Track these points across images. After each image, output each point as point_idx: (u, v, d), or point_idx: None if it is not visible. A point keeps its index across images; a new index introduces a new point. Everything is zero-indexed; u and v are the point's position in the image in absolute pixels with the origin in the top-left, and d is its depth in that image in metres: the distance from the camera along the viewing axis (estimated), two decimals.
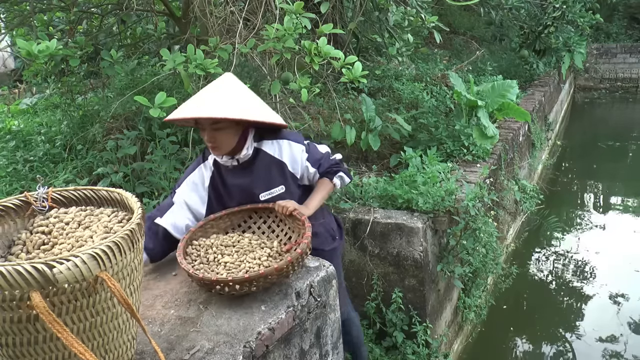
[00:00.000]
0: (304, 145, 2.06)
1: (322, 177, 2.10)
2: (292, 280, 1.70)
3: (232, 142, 1.89)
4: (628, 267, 4.57)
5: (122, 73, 3.39)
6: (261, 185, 1.99)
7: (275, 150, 2.00)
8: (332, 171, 2.11)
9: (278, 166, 2.00)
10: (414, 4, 4.02)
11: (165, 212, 1.91)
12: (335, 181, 2.12)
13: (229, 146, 1.89)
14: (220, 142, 1.86)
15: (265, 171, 2.00)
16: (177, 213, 1.92)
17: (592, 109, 11.51)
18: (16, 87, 5.77)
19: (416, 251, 2.92)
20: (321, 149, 2.14)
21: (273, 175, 2.00)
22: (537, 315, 4.08)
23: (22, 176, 3.11)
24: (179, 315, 1.55)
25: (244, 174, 1.99)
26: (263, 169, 2.00)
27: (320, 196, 2.07)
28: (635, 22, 13.54)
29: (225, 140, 1.87)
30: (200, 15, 3.14)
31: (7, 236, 1.28)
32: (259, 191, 1.99)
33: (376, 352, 2.98)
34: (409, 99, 4.99)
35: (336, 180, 2.12)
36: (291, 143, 2.02)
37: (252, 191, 1.99)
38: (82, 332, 1.06)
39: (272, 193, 1.99)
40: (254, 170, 1.99)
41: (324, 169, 2.09)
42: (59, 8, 3.72)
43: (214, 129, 1.83)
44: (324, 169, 2.09)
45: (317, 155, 2.09)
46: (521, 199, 4.55)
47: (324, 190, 2.09)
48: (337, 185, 2.14)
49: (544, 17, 7.14)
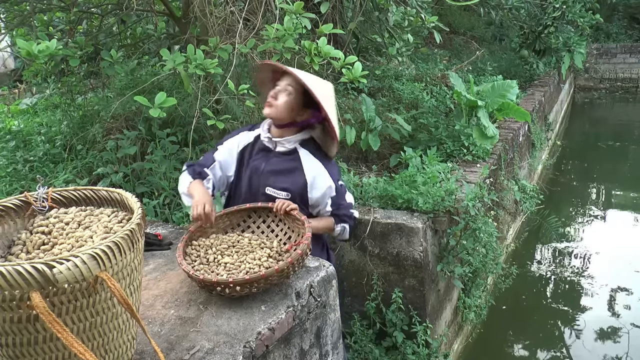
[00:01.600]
0: (336, 184, 2.02)
1: (330, 216, 2.08)
2: (292, 281, 1.70)
3: (287, 114, 1.93)
4: (628, 268, 4.57)
5: (122, 73, 3.39)
6: (272, 180, 1.99)
7: (309, 166, 1.98)
8: (342, 219, 2.08)
9: (299, 180, 1.98)
10: (414, 4, 4.02)
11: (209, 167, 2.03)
12: (337, 228, 2.09)
13: (282, 115, 1.93)
14: (278, 104, 1.90)
15: (286, 173, 1.99)
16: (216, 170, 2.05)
17: (592, 109, 11.52)
18: (16, 87, 5.77)
19: (416, 251, 2.92)
20: (348, 198, 2.11)
21: (288, 181, 1.98)
22: (537, 315, 4.08)
23: (22, 176, 3.11)
24: (179, 315, 1.55)
25: (267, 159, 2.00)
26: (286, 170, 1.99)
27: (320, 225, 2.03)
28: (635, 22, 13.54)
29: (283, 106, 1.91)
30: (200, 15, 3.14)
31: (7, 236, 1.28)
32: (267, 182, 1.99)
33: (376, 352, 2.98)
34: (409, 99, 4.99)
35: (338, 228, 2.09)
36: (327, 174, 1.99)
37: (261, 177, 2.00)
38: (82, 332, 1.06)
39: (276, 193, 1.98)
40: (279, 164, 1.98)
41: (337, 212, 2.06)
42: (59, 8, 3.71)
43: (282, 90, 1.90)
44: (337, 212, 2.06)
45: (342, 200, 2.06)
46: (521, 199, 4.56)
47: (325, 225, 2.06)
48: (336, 231, 2.10)
49: (544, 17, 7.14)
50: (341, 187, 2.07)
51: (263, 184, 2.00)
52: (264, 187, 1.99)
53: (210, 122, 2.57)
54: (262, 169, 2.01)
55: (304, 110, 1.96)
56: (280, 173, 1.99)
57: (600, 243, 5.10)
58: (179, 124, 3.39)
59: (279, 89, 1.94)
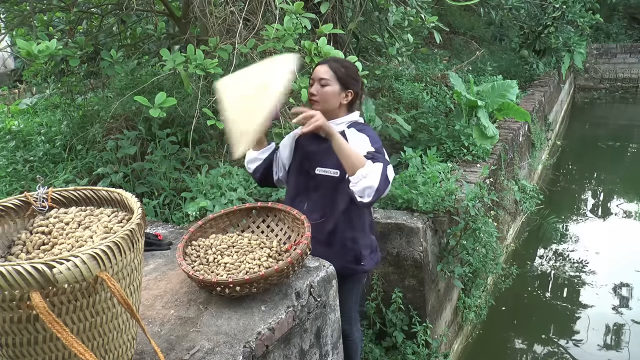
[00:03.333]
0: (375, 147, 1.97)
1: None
2: (292, 280, 1.70)
3: (333, 102, 2.02)
4: (628, 267, 4.57)
5: (122, 73, 3.39)
6: (323, 160, 2.04)
7: (354, 142, 1.99)
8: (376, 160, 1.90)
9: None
10: (414, 4, 4.02)
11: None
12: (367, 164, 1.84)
13: (329, 105, 2.02)
14: (322, 97, 2.00)
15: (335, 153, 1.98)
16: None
17: (592, 109, 11.52)
18: (16, 87, 5.76)
19: (416, 251, 2.92)
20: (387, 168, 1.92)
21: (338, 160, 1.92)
22: (536, 315, 4.08)
23: (22, 176, 3.11)
24: (179, 315, 1.55)
25: (319, 143, 2.04)
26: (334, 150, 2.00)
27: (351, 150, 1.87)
28: (635, 22, 13.54)
29: (326, 96, 2.00)
30: (200, 15, 3.14)
31: (7, 236, 1.28)
32: (318, 164, 2.06)
33: (376, 352, 2.98)
34: (409, 99, 4.99)
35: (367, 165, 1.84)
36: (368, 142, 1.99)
37: (312, 160, 2.07)
38: (82, 332, 1.06)
39: (327, 172, 2.04)
40: (329, 145, 1.96)
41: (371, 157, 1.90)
42: (59, 8, 3.72)
43: (320, 84, 2.00)
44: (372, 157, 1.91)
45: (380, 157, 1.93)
46: (521, 199, 4.56)
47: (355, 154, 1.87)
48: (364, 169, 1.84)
49: (544, 17, 7.14)
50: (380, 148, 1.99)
51: (314, 166, 2.07)
52: (314, 169, 2.06)
53: (210, 122, 2.57)
54: (313, 152, 2.08)
55: (345, 92, 2.04)
56: (330, 153, 1.97)
57: (600, 243, 5.10)
58: (179, 124, 3.38)
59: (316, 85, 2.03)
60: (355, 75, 2.08)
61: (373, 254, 2.19)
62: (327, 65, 2.02)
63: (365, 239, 2.13)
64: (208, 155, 3.35)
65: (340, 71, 2.01)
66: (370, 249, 2.17)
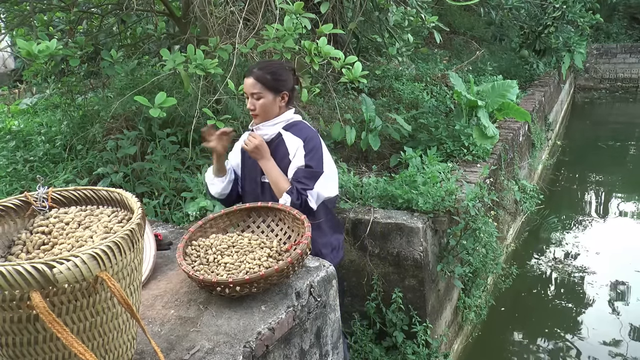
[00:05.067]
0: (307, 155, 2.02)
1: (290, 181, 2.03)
2: (292, 280, 1.70)
3: (272, 111, 2.03)
4: (628, 268, 4.57)
5: (122, 73, 3.39)
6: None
7: (293, 146, 2.04)
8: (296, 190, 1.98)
9: (287, 161, 2.06)
10: (414, 4, 4.02)
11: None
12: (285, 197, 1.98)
13: (268, 115, 2.04)
14: (260, 110, 2.03)
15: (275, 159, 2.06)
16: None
17: (592, 109, 11.51)
18: (16, 87, 5.76)
19: (416, 251, 2.92)
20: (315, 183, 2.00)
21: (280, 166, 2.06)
22: (537, 315, 4.08)
23: (22, 176, 3.11)
24: (179, 315, 1.55)
25: None
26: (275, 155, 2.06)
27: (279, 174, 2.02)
28: (635, 22, 13.54)
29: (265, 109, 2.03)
30: (200, 15, 3.14)
31: (7, 236, 1.28)
32: (262, 174, 2.09)
33: (376, 352, 2.98)
34: (409, 99, 4.99)
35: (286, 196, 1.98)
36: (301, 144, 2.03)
37: (257, 168, 2.10)
38: (82, 332, 1.06)
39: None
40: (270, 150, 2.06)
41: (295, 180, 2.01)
42: (59, 8, 3.71)
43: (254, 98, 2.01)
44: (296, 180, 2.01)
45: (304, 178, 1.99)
46: (521, 199, 4.56)
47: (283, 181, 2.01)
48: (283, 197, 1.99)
49: (544, 17, 7.14)
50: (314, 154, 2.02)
51: (260, 175, 2.10)
52: (260, 177, 2.10)
53: (210, 122, 2.57)
54: (253, 161, 2.10)
55: (279, 95, 2.04)
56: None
57: (600, 243, 5.10)
58: (179, 124, 3.38)
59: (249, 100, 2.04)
60: (282, 74, 2.04)
61: (335, 251, 2.23)
62: (253, 77, 1.99)
63: (323, 237, 2.17)
64: (208, 155, 3.35)
65: (266, 79, 1.99)
66: (332, 247, 2.21)
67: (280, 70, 2.04)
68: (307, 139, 2.05)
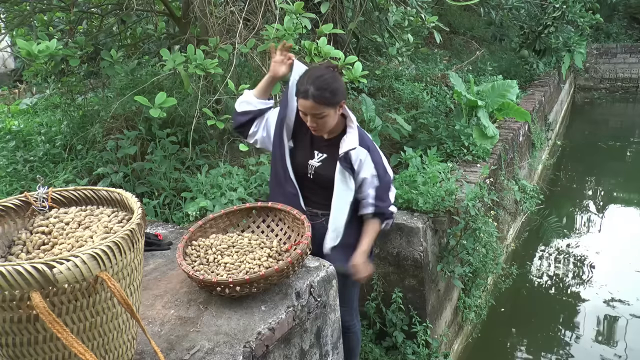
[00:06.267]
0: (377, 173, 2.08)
1: (373, 217, 2.14)
2: (292, 280, 1.70)
3: (333, 123, 2.02)
4: (628, 268, 4.57)
5: (122, 73, 3.39)
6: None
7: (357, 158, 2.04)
8: (385, 216, 2.16)
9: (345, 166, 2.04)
10: (414, 4, 4.01)
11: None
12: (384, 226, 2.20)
13: (331, 127, 2.03)
14: (323, 126, 2.00)
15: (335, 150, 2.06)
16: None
17: (592, 109, 11.51)
18: (16, 87, 5.76)
19: (416, 251, 2.91)
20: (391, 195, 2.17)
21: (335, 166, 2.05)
22: (537, 315, 4.08)
23: (22, 176, 3.10)
24: (179, 315, 1.55)
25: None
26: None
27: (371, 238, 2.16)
28: (635, 22, 13.53)
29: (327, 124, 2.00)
30: (200, 15, 3.14)
31: (7, 236, 1.28)
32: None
33: (376, 352, 2.98)
34: (409, 99, 4.99)
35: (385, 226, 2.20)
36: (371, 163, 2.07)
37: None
38: (82, 332, 1.06)
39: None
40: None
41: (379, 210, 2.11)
42: (59, 8, 3.71)
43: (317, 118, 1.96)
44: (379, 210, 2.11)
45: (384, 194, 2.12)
46: (521, 199, 4.55)
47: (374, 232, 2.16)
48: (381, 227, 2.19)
49: (544, 17, 7.13)
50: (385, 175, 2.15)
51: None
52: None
53: (210, 122, 2.57)
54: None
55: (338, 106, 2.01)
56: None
57: (600, 243, 5.10)
58: (179, 124, 3.38)
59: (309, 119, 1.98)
60: (338, 85, 1.97)
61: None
62: (312, 100, 1.90)
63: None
64: (208, 155, 3.35)
65: (326, 97, 1.91)
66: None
67: (335, 83, 1.95)
68: (370, 148, 2.08)
